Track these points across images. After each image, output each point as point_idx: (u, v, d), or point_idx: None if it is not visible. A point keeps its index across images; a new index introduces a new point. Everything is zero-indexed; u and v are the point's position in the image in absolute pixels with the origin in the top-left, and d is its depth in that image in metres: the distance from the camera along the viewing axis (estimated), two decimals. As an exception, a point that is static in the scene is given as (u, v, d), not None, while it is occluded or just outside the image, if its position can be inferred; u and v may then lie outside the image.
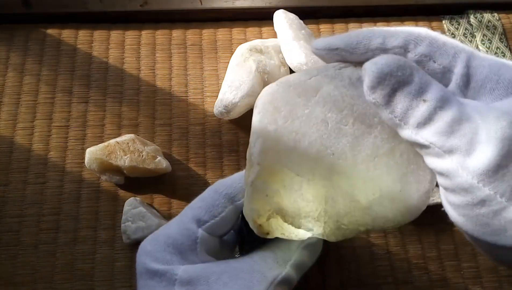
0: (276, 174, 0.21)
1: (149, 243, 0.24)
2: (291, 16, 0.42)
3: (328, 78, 0.22)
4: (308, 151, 0.21)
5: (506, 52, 0.46)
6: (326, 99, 0.22)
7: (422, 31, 0.21)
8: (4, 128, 0.40)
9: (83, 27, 0.45)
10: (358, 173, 0.21)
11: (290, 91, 0.22)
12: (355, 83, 0.22)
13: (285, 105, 0.22)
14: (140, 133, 0.40)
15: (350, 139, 0.21)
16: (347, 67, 0.23)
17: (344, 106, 0.22)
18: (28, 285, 0.35)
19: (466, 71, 0.20)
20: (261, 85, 0.38)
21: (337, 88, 0.22)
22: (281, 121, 0.21)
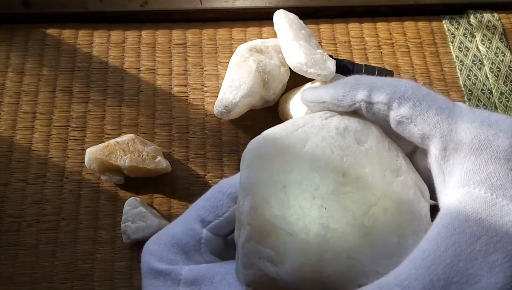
0: (268, 234, 0.19)
1: (153, 243, 0.24)
2: (291, 16, 0.42)
3: (315, 129, 0.22)
4: (300, 207, 0.20)
5: (506, 52, 0.46)
6: (314, 151, 0.21)
7: (409, 88, 0.21)
8: (4, 128, 0.40)
9: (83, 27, 0.45)
10: (353, 228, 0.20)
11: (277, 144, 0.21)
12: (342, 133, 0.22)
13: (273, 158, 0.21)
14: (140, 133, 0.40)
15: (341, 194, 0.20)
16: (333, 117, 0.23)
17: (333, 157, 0.21)
18: (28, 285, 0.35)
19: (445, 146, 0.19)
20: (261, 85, 0.38)
21: (325, 140, 0.21)
22: (269, 176, 0.20)
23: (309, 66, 0.38)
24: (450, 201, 0.19)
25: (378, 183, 0.21)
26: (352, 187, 0.21)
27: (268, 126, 0.41)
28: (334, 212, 0.20)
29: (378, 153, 0.22)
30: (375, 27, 0.46)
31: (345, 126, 0.22)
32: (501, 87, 0.44)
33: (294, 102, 0.39)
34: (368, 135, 0.22)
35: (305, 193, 0.20)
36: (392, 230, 0.20)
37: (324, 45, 0.45)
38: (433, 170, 0.21)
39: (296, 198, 0.20)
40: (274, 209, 0.20)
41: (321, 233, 0.20)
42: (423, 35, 0.46)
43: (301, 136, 0.22)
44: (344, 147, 0.21)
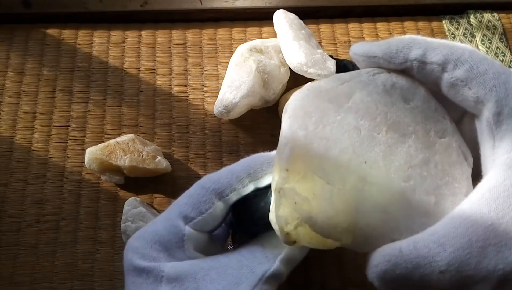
0: (306, 182, 0.20)
1: (136, 240, 0.23)
2: (291, 16, 0.42)
3: (361, 84, 0.22)
4: (339, 158, 0.20)
5: (506, 52, 0.46)
6: (359, 106, 0.21)
7: (466, 51, 0.20)
8: (4, 128, 0.40)
9: (83, 27, 0.45)
10: (391, 184, 0.20)
11: (321, 97, 0.21)
12: (389, 90, 0.22)
13: (316, 110, 0.21)
14: (140, 133, 0.40)
15: (383, 148, 0.21)
16: (380, 73, 0.22)
17: (377, 113, 0.21)
18: (28, 285, 0.35)
19: (499, 110, 0.19)
20: (261, 85, 0.38)
21: (370, 95, 0.21)
22: (311, 127, 0.21)
23: (309, 66, 0.38)
24: (498, 165, 0.19)
25: (421, 142, 0.21)
26: (393, 144, 0.21)
27: (268, 126, 0.41)
28: (373, 167, 0.20)
29: (423, 113, 0.22)
30: (375, 27, 0.46)
31: (392, 83, 0.22)
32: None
33: (294, 102, 0.39)
34: (415, 94, 0.22)
35: (345, 146, 0.20)
36: (430, 190, 0.20)
37: (324, 45, 0.45)
38: (482, 136, 0.20)
39: (336, 150, 0.20)
40: (314, 159, 0.20)
41: (358, 186, 0.20)
42: (423, 35, 0.46)
43: (346, 90, 0.21)
44: (389, 103, 0.21)
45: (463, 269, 0.18)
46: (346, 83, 0.22)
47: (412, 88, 0.22)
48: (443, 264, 0.18)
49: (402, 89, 0.22)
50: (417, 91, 0.22)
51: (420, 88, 0.22)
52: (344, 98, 0.21)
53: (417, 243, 0.18)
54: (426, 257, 0.18)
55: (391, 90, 0.22)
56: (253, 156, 0.25)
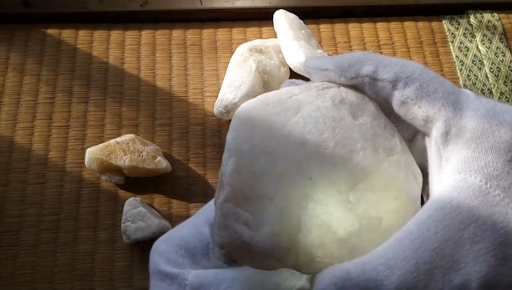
0: (248, 198, 0.19)
1: (163, 243, 0.23)
2: (291, 16, 0.42)
3: (310, 98, 0.21)
4: (284, 174, 0.19)
5: (506, 52, 0.46)
6: (306, 120, 0.20)
7: (417, 69, 0.20)
8: (4, 128, 0.40)
9: (83, 27, 0.45)
10: (336, 202, 0.19)
11: (268, 110, 0.20)
12: (337, 105, 0.21)
13: (262, 123, 0.20)
14: (140, 133, 0.40)
15: (329, 165, 0.20)
16: (330, 88, 0.22)
17: (325, 128, 0.20)
18: (28, 285, 0.35)
19: (447, 130, 0.19)
20: (261, 85, 0.38)
21: (318, 110, 0.21)
22: (257, 139, 0.19)
23: (309, 66, 0.38)
24: (444, 186, 0.19)
25: (368, 159, 0.20)
26: (340, 160, 0.20)
27: (268, 126, 0.41)
28: (319, 184, 0.19)
29: (372, 130, 0.21)
30: (375, 27, 0.46)
31: (341, 98, 0.21)
32: (501, 87, 0.44)
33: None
34: (364, 110, 0.21)
35: (291, 161, 0.19)
36: (377, 208, 0.20)
37: (324, 45, 0.45)
38: (430, 155, 0.21)
39: (281, 165, 0.19)
40: (257, 174, 0.19)
41: (303, 203, 0.19)
42: (423, 35, 0.46)
43: (294, 103, 0.21)
44: (337, 119, 0.21)
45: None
46: (295, 97, 0.21)
47: (362, 104, 0.22)
48: (391, 288, 0.17)
49: (351, 104, 0.21)
50: (367, 107, 0.22)
51: (369, 105, 0.22)
52: (292, 112, 0.20)
53: (365, 265, 0.18)
54: (374, 281, 0.18)
55: (339, 104, 0.21)
56: None
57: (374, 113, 0.22)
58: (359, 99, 0.22)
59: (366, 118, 0.21)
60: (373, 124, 0.21)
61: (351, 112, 0.21)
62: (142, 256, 0.36)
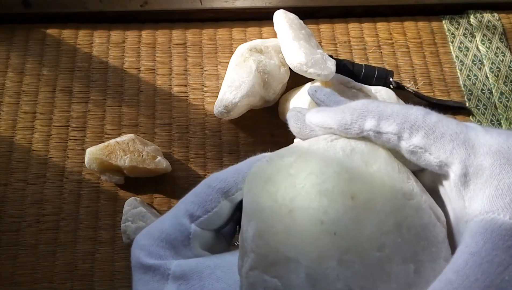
0: (274, 263, 0.18)
1: (143, 237, 0.24)
2: (291, 16, 0.42)
3: (320, 151, 0.21)
4: (307, 231, 0.19)
5: (506, 52, 0.46)
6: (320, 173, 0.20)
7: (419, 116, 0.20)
8: (4, 128, 0.40)
9: (83, 27, 0.45)
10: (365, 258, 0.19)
11: (282, 168, 0.20)
12: (349, 154, 0.21)
13: (277, 182, 0.20)
14: (140, 133, 0.40)
15: (351, 216, 0.19)
16: (338, 139, 0.22)
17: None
18: (28, 285, 0.35)
19: (464, 171, 0.19)
20: (261, 85, 0.38)
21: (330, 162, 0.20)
22: (274, 198, 0.19)
23: (309, 66, 0.38)
24: (475, 228, 0.18)
25: (389, 206, 0.20)
26: (362, 211, 0.19)
27: (268, 126, 0.41)
28: (344, 238, 0.19)
29: (387, 175, 0.21)
30: (375, 27, 0.46)
31: (351, 148, 0.21)
32: (501, 87, 0.44)
33: (294, 102, 0.39)
34: (376, 157, 0.21)
35: (313, 217, 0.19)
36: (407, 257, 0.19)
37: (324, 45, 0.45)
38: (452, 197, 0.20)
39: (302, 223, 0.19)
40: (280, 235, 0.19)
41: (331, 262, 0.18)
42: (423, 35, 0.46)
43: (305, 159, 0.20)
44: (350, 169, 0.20)
45: None
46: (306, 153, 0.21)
47: (372, 151, 0.21)
48: None
49: (362, 153, 0.21)
50: (378, 153, 0.21)
51: (380, 151, 0.21)
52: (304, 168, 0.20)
53: None
54: None
55: (351, 154, 0.21)
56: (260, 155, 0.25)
57: (386, 158, 0.21)
58: (369, 147, 0.22)
59: (379, 165, 0.21)
60: (387, 169, 0.21)
61: (364, 161, 0.21)
62: (142, 256, 0.36)
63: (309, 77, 0.38)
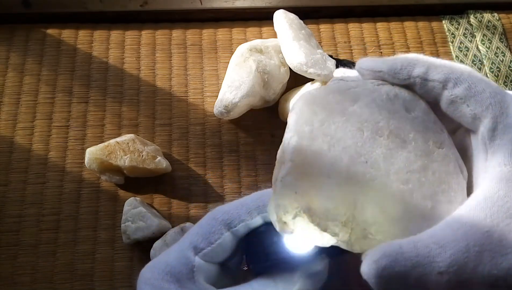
0: (308, 174, 0.21)
1: (148, 270, 0.24)
2: (291, 16, 0.42)
3: (367, 91, 0.23)
4: (341, 155, 0.21)
5: (506, 52, 0.46)
6: (363, 110, 0.22)
7: (465, 71, 0.22)
8: (4, 128, 0.40)
9: (83, 27, 0.45)
10: (389, 185, 0.21)
11: (328, 98, 0.23)
12: (392, 99, 0.23)
13: (322, 110, 0.22)
14: (140, 133, 0.40)
15: (384, 150, 0.22)
16: (384, 84, 0.24)
17: (380, 118, 0.22)
18: (28, 285, 0.35)
19: (494, 126, 0.21)
20: (261, 85, 0.38)
21: (374, 101, 0.23)
22: (317, 123, 0.22)
23: (309, 66, 0.38)
24: (492, 178, 0.20)
25: (420, 149, 0.22)
26: (395, 148, 0.22)
27: (268, 126, 0.41)
28: (374, 167, 0.21)
29: (423, 123, 0.23)
30: (375, 27, 0.46)
31: (395, 93, 0.23)
32: (501, 87, 0.44)
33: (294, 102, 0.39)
34: (416, 106, 0.23)
35: (349, 144, 0.21)
36: (427, 195, 0.21)
37: (324, 45, 0.45)
38: (476, 150, 0.22)
39: (338, 148, 0.21)
40: (316, 153, 0.21)
41: (358, 183, 0.21)
42: (423, 35, 0.46)
43: (352, 95, 0.23)
44: (392, 111, 0.22)
45: (461, 272, 0.18)
46: (353, 89, 0.23)
47: (414, 100, 0.23)
48: (443, 265, 0.18)
49: (404, 100, 0.23)
50: (418, 103, 0.23)
51: (420, 102, 0.24)
52: (350, 102, 0.23)
53: (417, 243, 0.19)
54: (427, 257, 0.18)
55: (394, 99, 0.23)
56: (265, 190, 0.26)
57: (425, 109, 0.23)
58: (411, 96, 0.24)
59: (418, 113, 0.23)
60: (424, 118, 0.23)
61: (404, 106, 0.23)
62: (142, 256, 0.36)
63: (309, 77, 0.38)
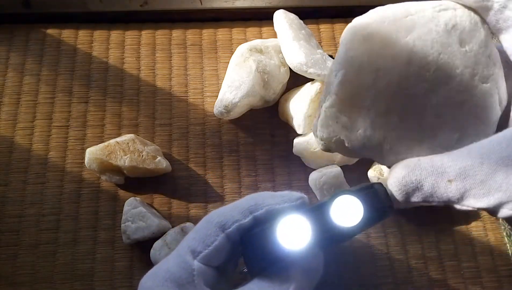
0: (350, 106, 0.22)
1: (149, 278, 0.24)
2: (291, 16, 0.42)
3: (424, 20, 0.22)
4: (385, 90, 0.22)
5: (506, 52, 0.46)
6: (415, 43, 0.22)
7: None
8: (4, 128, 0.40)
9: (83, 27, 0.45)
10: (425, 116, 0.22)
11: (382, 28, 0.22)
12: (449, 30, 0.22)
13: (374, 41, 0.22)
14: (140, 133, 0.40)
15: (426, 86, 0.22)
16: (446, 10, 0.23)
17: (431, 52, 0.22)
18: (28, 285, 0.35)
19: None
20: (261, 85, 0.38)
21: (429, 33, 0.22)
22: (366, 57, 0.22)
23: (309, 66, 0.38)
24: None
25: (462, 86, 0.22)
26: (438, 83, 0.22)
27: (268, 126, 0.41)
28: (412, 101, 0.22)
29: (475, 58, 0.23)
30: None
31: (454, 23, 0.23)
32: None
33: (294, 102, 0.39)
34: (473, 38, 0.23)
35: (393, 78, 0.22)
36: (456, 128, 0.22)
37: (324, 45, 0.45)
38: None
39: (383, 82, 0.22)
40: (361, 87, 0.22)
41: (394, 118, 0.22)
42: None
43: (408, 24, 0.22)
44: (445, 44, 0.22)
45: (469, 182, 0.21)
46: (410, 17, 0.23)
47: (473, 31, 0.23)
48: (452, 174, 0.21)
49: (462, 31, 0.23)
50: (477, 34, 0.23)
51: (480, 32, 0.23)
52: (404, 33, 0.22)
53: (433, 158, 0.22)
54: (439, 167, 0.21)
55: (451, 30, 0.22)
56: (259, 193, 0.26)
57: (482, 41, 0.23)
58: (472, 26, 0.23)
59: (473, 46, 0.23)
60: (477, 52, 0.23)
61: (460, 39, 0.23)
62: (142, 256, 0.36)
63: (309, 77, 0.38)
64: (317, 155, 0.38)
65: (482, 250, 0.38)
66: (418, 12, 0.23)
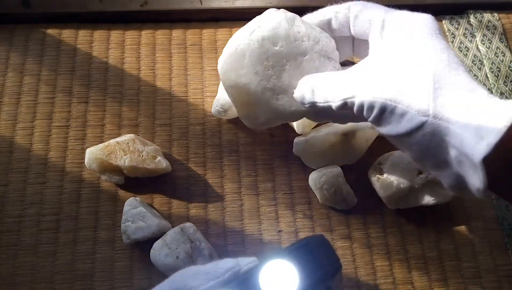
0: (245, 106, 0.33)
1: None
2: (291, 16, 0.42)
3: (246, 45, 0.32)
4: (255, 93, 0.32)
5: (506, 52, 0.46)
6: (251, 58, 0.32)
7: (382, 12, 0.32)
8: (4, 128, 0.40)
9: (83, 27, 0.45)
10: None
11: (231, 61, 0.32)
12: (261, 42, 0.32)
13: (232, 70, 0.32)
14: (140, 133, 0.40)
15: (275, 77, 0.32)
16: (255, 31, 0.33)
17: (264, 58, 0.32)
18: (28, 285, 0.35)
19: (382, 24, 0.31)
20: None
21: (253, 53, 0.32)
22: (234, 80, 0.32)
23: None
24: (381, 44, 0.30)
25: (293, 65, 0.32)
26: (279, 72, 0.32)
27: (268, 126, 0.41)
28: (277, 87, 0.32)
29: (288, 49, 0.32)
30: None
31: (261, 37, 0.32)
32: (501, 87, 0.44)
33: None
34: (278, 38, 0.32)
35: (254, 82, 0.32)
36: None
37: (324, 45, 0.45)
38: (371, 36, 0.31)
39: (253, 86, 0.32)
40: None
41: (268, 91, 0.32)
42: (423, 35, 0.46)
43: (240, 52, 0.32)
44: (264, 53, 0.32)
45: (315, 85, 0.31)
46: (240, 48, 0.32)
47: (276, 34, 0.32)
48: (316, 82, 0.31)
49: (268, 38, 0.32)
50: (279, 34, 0.32)
51: (280, 30, 0.32)
52: (241, 57, 0.32)
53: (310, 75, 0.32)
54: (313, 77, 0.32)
55: (262, 42, 0.32)
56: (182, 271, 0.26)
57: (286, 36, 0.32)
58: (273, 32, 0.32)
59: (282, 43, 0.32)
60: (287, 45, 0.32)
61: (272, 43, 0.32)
62: (142, 256, 0.36)
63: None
64: (317, 155, 0.38)
65: (482, 250, 0.38)
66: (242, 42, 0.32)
